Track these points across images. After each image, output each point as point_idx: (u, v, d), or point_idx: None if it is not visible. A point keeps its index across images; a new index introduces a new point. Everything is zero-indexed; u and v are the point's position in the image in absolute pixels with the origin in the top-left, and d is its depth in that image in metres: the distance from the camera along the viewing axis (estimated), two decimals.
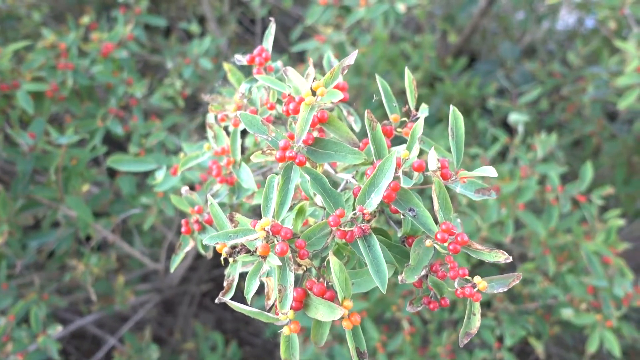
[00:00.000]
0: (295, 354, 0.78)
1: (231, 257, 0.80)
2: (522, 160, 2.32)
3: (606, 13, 2.45)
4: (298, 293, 0.77)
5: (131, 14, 2.47)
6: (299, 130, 0.79)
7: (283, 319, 0.75)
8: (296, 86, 0.88)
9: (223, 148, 1.09)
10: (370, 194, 0.79)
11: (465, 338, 0.80)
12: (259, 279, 0.77)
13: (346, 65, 0.85)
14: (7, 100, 2.06)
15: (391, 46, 3.05)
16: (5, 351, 1.93)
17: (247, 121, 0.84)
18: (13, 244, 2.09)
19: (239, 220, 0.80)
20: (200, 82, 2.72)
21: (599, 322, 2.05)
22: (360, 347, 0.78)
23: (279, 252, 0.73)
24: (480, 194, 0.89)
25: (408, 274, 0.79)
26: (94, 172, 2.29)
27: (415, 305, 0.84)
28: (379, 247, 0.77)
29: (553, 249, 2.27)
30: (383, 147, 0.85)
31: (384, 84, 0.97)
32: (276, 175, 0.80)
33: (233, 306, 0.76)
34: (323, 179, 0.82)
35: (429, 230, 0.81)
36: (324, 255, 0.86)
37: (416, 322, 2.37)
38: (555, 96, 3.08)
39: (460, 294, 0.79)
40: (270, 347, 3.17)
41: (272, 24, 1.05)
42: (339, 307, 0.74)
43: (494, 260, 0.78)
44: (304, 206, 0.84)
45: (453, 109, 0.87)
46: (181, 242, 1.09)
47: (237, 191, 1.11)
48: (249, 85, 1.04)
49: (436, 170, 0.80)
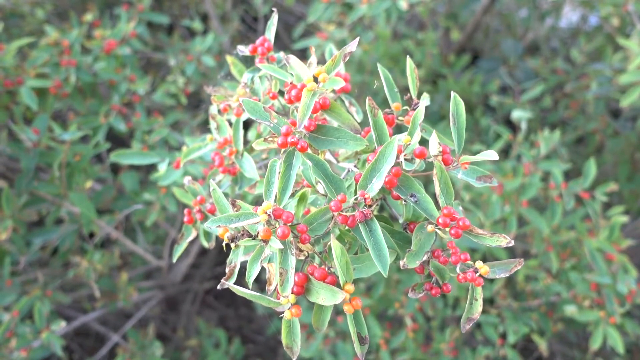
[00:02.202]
0: (297, 339, 0.78)
1: (233, 242, 0.80)
2: (525, 157, 2.31)
3: (609, 10, 2.45)
4: (299, 277, 0.77)
5: (134, 11, 2.48)
6: (301, 115, 0.80)
7: (284, 303, 0.75)
8: (298, 74, 0.89)
9: (225, 138, 1.09)
10: (372, 178, 0.79)
11: (467, 323, 0.80)
12: (260, 264, 0.77)
13: (348, 52, 0.86)
14: (11, 96, 2.07)
15: (393, 44, 3.06)
16: (9, 347, 1.94)
17: (249, 107, 0.85)
18: (17, 240, 2.10)
19: (241, 205, 0.80)
20: (203, 80, 2.73)
21: (603, 319, 2.04)
22: (362, 332, 0.78)
23: (280, 235, 0.73)
24: (482, 181, 0.88)
25: (410, 259, 0.79)
26: (97, 169, 2.30)
27: (417, 291, 0.84)
28: (380, 232, 0.77)
29: (556, 245, 2.26)
30: (385, 133, 0.85)
31: (386, 72, 0.97)
32: (278, 160, 0.80)
33: (235, 290, 0.76)
34: (325, 165, 0.82)
35: (430, 215, 0.81)
36: (326, 242, 0.86)
37: (419, 318, 2.36)
38: (559, 93, 3.08)
39: (462, 279, 0.79)
40: (273, 345, 3.17)
41: (274, 15, 1.05)
42: (341, 291, 0.74)
43: (495, 245, 0.78)
44: (305, 193, 0.84)
45: (454, 95, 0.87)
46: (184, 232, 1.09)
47: (240, 181, 1.11)
48: (251, 75, 1.05)
49: (437, 154, 0.80)
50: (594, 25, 3.41)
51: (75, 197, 2.02)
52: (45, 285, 2.21)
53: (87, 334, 3.03)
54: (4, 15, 2.44)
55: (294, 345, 0.78)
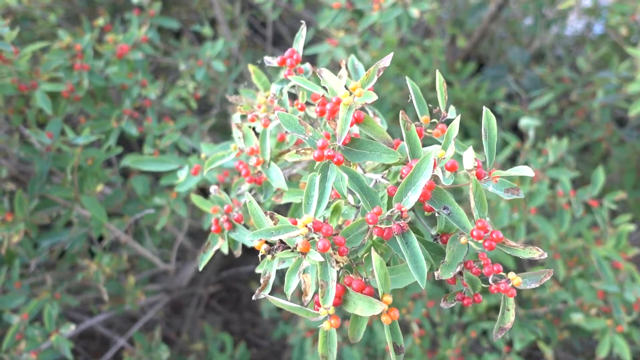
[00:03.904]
0: (333, 349, 0.80)
1: (269, 254, 0.81)
2: (533, 165, 2.33)
3: (617, 19, 2.47)
4: (337, 289, 0.78)
5: (145, 16, 2.49)
6: (340, 130, 0.81)
7: (323, 314, 0.76)
8: (332, 87, 0.90)
9: (252, 148, 1.10)
10: (408, 192, 0.80)
11: (500, 333, 0.82)
12: (298, 276, 0.78)
13: (382, 67, 0.87)
14: (25, 100, 2.08)
15: (400, 50, 3.08)
16: (18, 349, 1.94)
17: (284, 121, 0.86)
18: (25, 243, 2.10)
19: (279, 217, 0.81)
20: (212, 84, 2.74)
21: (610, 327, 2.06)
22: (398, 342, 0.79)
23: (321, 248, 0.74)
24: (510, 194, 0.90)
25: (444, 271, 0.80)
26: (108, 173, 2.30)
27: (449, 301, 0.85)
28: (417, 244, 0.78)
29: (563, 253, 2.28)
30: (418, 147, 0.86)
31: (415, 86, 0.98)
32: (317, 174, 0.81)
33: (273, 301, 0.77)
34: (360, 178, 0.83)
35: (463, 227, 0.82)
36: (359, 253, 0.87)
37: (426, 324, 2.38)
38: (565, 101, 3.10)
39: (495, 290, 0.80)
40: (278, 349, 3.17)
41: (302, 27, 1.07)
42: (379, 302, 0.75)
43: (528, 257, 0.79)
44: (339, 204, 0.85)
45: (486, 110, 0.89)
46: (210, 241, 1.10)
47: (265, 190, 1.12)
48: (280, 87, 1.06)
49: (472, 169, 0.82)
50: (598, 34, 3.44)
51: (86, 201, 2.02)
52: (54, 288, 2.21)
53: (92, 337, 3.03)
54: (15, 19, 2.44)
55: (329, 355, 0.80)
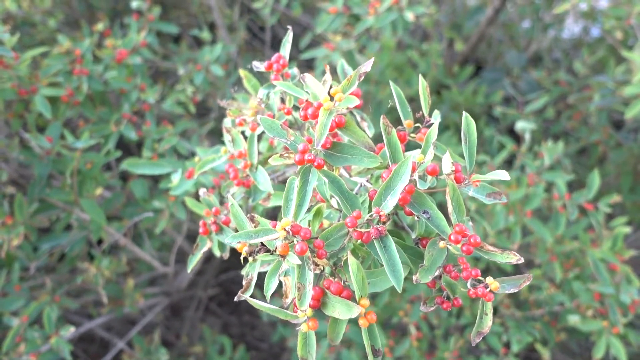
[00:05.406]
0: (312, 351, 0.81)
1: (251, 256, 0.82)
2: (529, 168, 2.34)
3: (613, 23, 2.48)
4: (316, 292, 0.80)
5: (144, 21, 2.51)
6: (318, 134, 0.82)
7: (301, 317, 0.78)
8: (314, 92, 0.91)
9: (240, 151, 1.12)
10: (387, 196, 0.82)
11: (478, 337, 0.83)
12: (277, 278, 0.79)
13: (363, 72, 0.88)
14: (25, 104, 2.10)
15: (398, 54, 3.09)
16: (18, 351, 1.96)
17: (267, 125, 0.87)
18: (25, 246, 2.13)
19: (259, 220, 0.83)
20: (211, 89, 2.76)
21: (606, 329, 2.06)
22: (375, 345, 0.80)
23: (298, 251, 0.76)
24: (492, 198, 0.91)
25: (422, 275, 0.81)
26: (107, 176, 2.33)
27: (428, 304, 0.86)
28: (394, 248, 0.79)
29: (560, 255, 2.29)
30: (398, 151, 0.88)
31: (398, 90, 1.00)
32: (296, 178, 0.83)
33: (253, 303, 0.79)
34: (340, 182, 0.84)
35: (442, 232, 0.83)
36: (340, 256, 0.88)
37: (423, 327, 2.38)
38: (561, 104, 3.11)
39: (473, 294, 0.81)
40: (277, 352, 3.19)
41: (289, 32, 1.08)
42: (356, 305, 0.76)
43: (505, 262, 0.80)
44: (321, 208, 0.87)
45: (465, 115, 0.90)
46: (198, 243, 1.12)
47: (253, 193, 1.14)
48: (266, 91, 1.08)
49: (450, 173, 0.83)
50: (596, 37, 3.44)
51: (85, 204, 2.05)
52: (54, 291, 2.24)
53: (91, 340, 3.05)
54: (15, 24, 2.48)
55: (309, 357, 0.81)
